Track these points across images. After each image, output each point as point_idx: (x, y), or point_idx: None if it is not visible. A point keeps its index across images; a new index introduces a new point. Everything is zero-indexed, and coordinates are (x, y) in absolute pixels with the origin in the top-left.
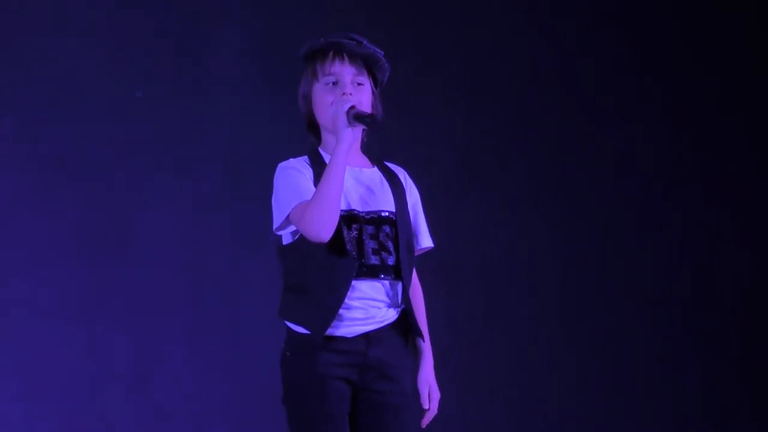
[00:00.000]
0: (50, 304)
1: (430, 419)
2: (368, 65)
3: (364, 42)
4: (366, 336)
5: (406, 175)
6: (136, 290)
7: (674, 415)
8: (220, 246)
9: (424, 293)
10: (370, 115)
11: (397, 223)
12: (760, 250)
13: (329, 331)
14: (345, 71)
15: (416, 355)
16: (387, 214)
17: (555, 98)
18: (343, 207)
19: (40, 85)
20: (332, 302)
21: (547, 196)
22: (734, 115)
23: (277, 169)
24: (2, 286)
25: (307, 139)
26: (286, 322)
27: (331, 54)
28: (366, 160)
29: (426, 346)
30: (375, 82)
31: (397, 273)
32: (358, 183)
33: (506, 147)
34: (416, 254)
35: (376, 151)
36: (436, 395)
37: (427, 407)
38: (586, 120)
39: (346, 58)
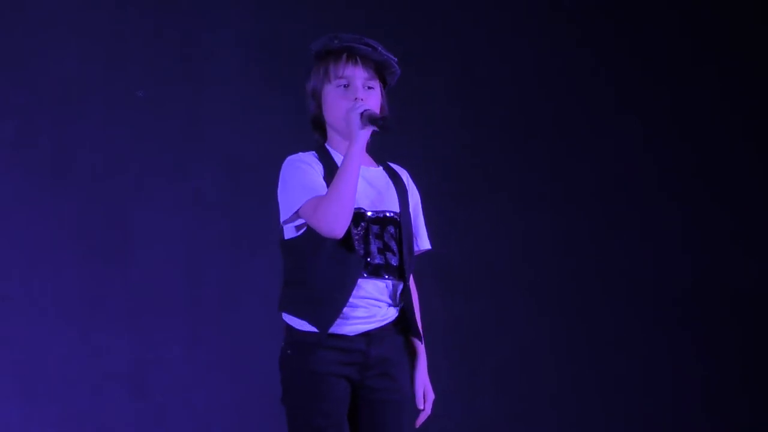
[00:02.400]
0: (50, 305)
1: (424, 419)
2: (379, 68)
3: (379, 48)
4: (367, 335)
5: (408, 176)
6: (136, 291)
7: (675, 415)
8: (219, 247)
9: (421, 294)
10: (383, 118)
11: (401, 224)
12: (761, 251)
13: (332, 329)
14: (357, 75)
15: (412, 355)
16: (392, 214)
17: (556, 99)
18: None
19: (40, 85)
20: (339, 299)
21: (547, 197)
22: (736, 115)
23: (286, 162)
24: (2, 287)
25: (306, 134)
26: (287, 321)
27: (344, 56)
28: (371, 160)
29: (421, 347)
30: (383, 83)
31: (400, 274)
32: (365, 182)
33: (507, 148)
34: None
35: (378, 151)
36: (431, 396)
37: (422, 408)
38: (588, 121)
39: (359, 61)
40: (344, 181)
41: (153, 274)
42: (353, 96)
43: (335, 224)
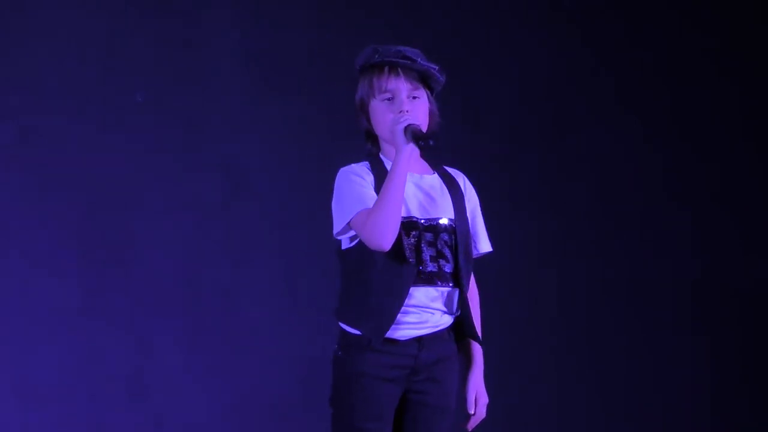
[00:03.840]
0: (49, 309)
1: (477, 423)
2: (423, 77)
3: (419, 60)
4: (419, 340)
5: (466, 179)
6: (136, 296)
7: (675, 416)
8: (219, 251)
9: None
10: (426, 137)
11: (456, 231)
12: (762, 251)
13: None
14: (401, 87)
15: (467, 359)
16: (446, 221)
17: (555, 100)
18: (403, 214)
19: (40, 90)
20: (391, 308)
21: (548, 200)
22: (736, 116)
23: (339, 174)
24: (0, 292)
25: (306, 138)
26: (341, 324)
27: (386, 69)
28: (426, 166)
29: (478, 352)
30: (431, 90)
31: (456, 281)
32: (418, 189)
33: (505, 149)
34: (474, 258)
35: (435, 156)
36: (484, 400)
37: (472, 412)
38: (587, 122)
39: (401, 73)
40: (389, 195)
41: (152, 278)
42: (398, 109)
43: (381, 238)
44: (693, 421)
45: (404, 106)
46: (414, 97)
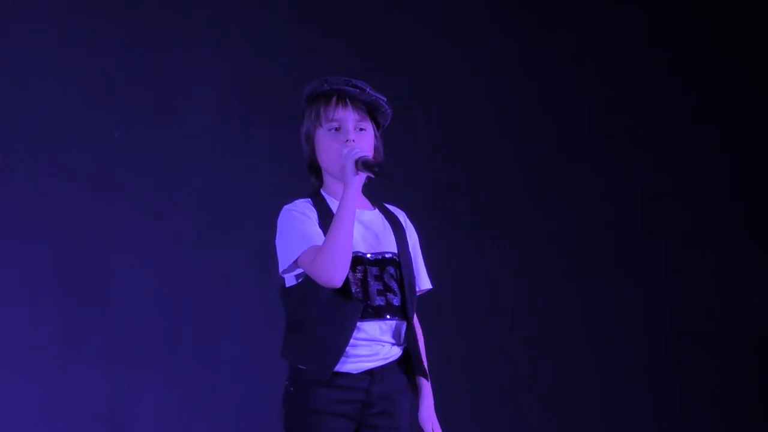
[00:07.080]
0: (26, 346)
1: None
2: (370, 109)
3: (367, 89)
4: (370, 373)
5: (406, 216)
6: (113, 332)
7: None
8: (196, 287)
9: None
10: (379, 164)
11: (401, 264)
12: (740, 282)
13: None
14: (348, 117)
15: (416, 393)
16: (390, 255)
17: (537, 132)
18: None
19: (18, 124)
20: (338, 343)
21: (529, 229)
22: (718, 142)
23: (282, 212)
24: None
25: (284, 173)
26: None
27: (334, 99)
28: (367, 202)
29: (426, 385)
30: (377, 124)
31: (403, 313)
32: (361, 225)
33: (487, 181)
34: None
35: (374, 193)
36: (439, 431)
37: None
38: (569, 153)
39: (349, 103)
40: (339, 231)
41: (130, 314)
42: (344, 138)
43: (333, 274)
44: None
45: (350, 135)
46: (361, 129)
